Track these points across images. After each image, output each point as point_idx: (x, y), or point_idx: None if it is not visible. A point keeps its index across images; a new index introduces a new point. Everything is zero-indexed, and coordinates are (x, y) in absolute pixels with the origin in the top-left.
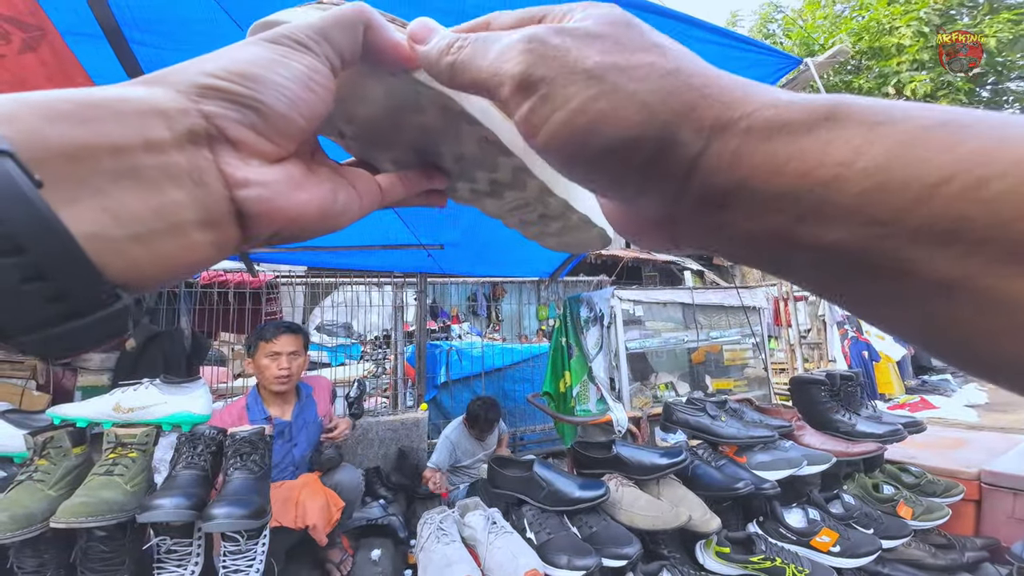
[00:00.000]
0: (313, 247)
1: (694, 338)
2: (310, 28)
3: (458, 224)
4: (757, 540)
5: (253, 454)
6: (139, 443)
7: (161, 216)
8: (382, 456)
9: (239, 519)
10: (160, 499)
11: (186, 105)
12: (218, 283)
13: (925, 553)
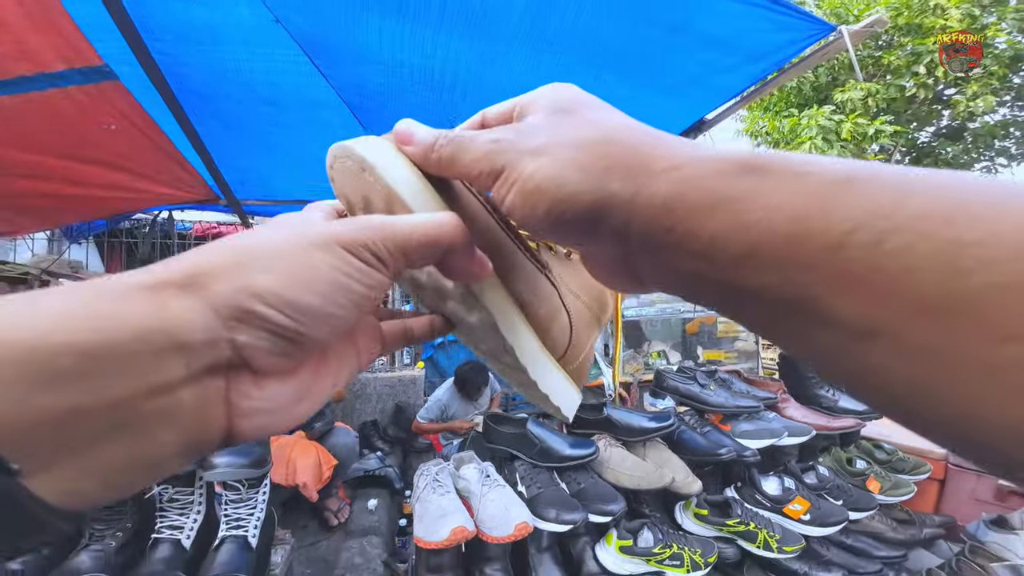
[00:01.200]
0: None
1: (690, 309)
2: (395, 242)
3: None
4: (734, 504)
5: None
6: None
7: (140, 461)
8: (379, 410)
9: (240, 468)
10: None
11: (217, 335)
12: (212, 235)
13: (887, 527)
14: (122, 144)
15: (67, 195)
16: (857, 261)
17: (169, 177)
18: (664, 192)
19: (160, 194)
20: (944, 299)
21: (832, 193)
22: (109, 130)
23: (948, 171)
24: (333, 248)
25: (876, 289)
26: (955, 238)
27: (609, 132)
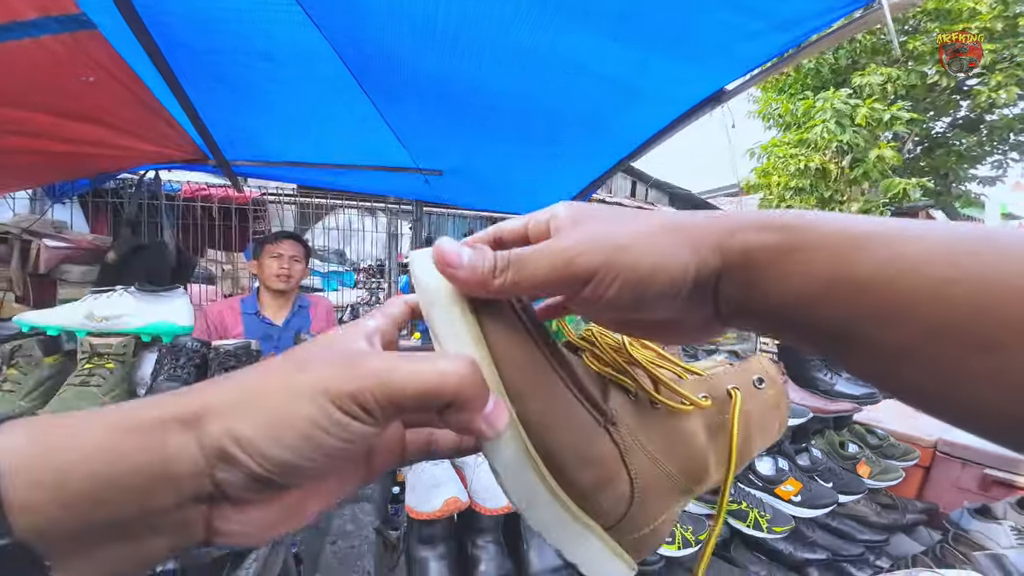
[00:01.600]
0: (303, 163)
1: None
2: (387, 393)
3: (459, 149)
4: None
5: (239, 368)
6: (116, 353)
7: (136, 559)
8: None
9: None
10: None
11: (202, 469)
12: (201, 197)
13: (871, 511)
14: (102, 98)
15: (46, 151)
16: (881, 298)
17: (154, 134)
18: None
19: (145, 152)
20: (941, 323)
21: (854, 247)
22: (87, 83)
23: (931, 224)
24: (318, 400)
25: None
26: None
27: (667, 219)
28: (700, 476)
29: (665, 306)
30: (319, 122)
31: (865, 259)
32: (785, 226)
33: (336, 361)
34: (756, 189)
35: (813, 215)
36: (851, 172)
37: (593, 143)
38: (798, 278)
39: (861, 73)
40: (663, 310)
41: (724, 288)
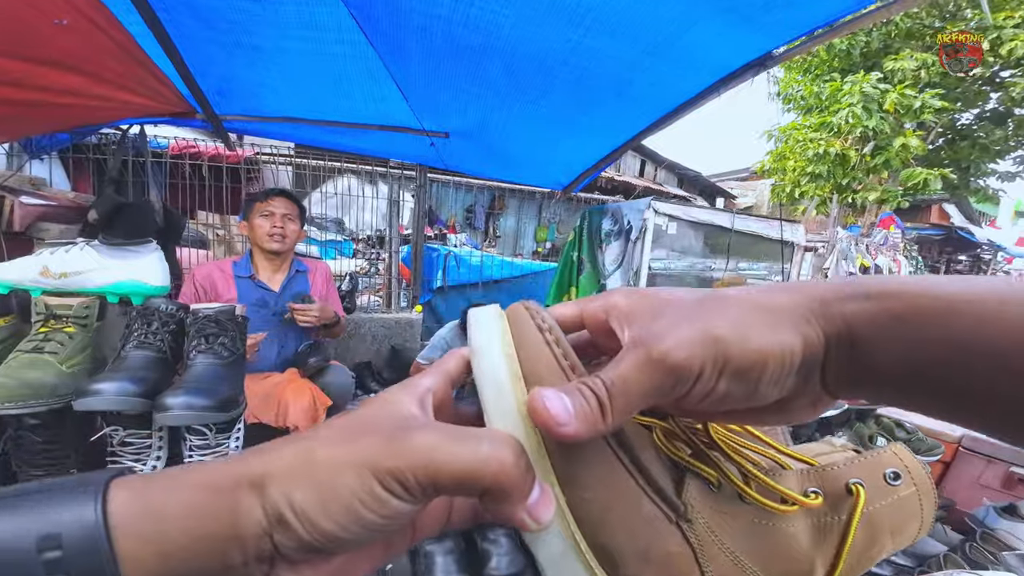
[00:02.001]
0: (299, 119)
1: (722, 267)
2: (427, 473)
3: (468, 112)
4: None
5: (221, 336)
6: (77, 316)
7: None
8: (374, 352)
9: (200, 411)
10: (101, 383)
11: (264, 530)
12: (190, 155)
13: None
14: (78, 43)
15: (16, 101)
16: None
17: (136, 84)
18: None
19: (127, 103)
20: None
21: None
22: (61, 26)
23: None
24: (364, 476)
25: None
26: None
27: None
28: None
29: (772, 392)
30: (317, 74)
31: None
32: (881, 293)
33: (384, 431)
34: (771, 174)
35: (896, 281)
36: (872, 160)
37: (620, 110)
38: (916, 346)
39: (894, 57)
40: (769, 396)
41: (831, 362)
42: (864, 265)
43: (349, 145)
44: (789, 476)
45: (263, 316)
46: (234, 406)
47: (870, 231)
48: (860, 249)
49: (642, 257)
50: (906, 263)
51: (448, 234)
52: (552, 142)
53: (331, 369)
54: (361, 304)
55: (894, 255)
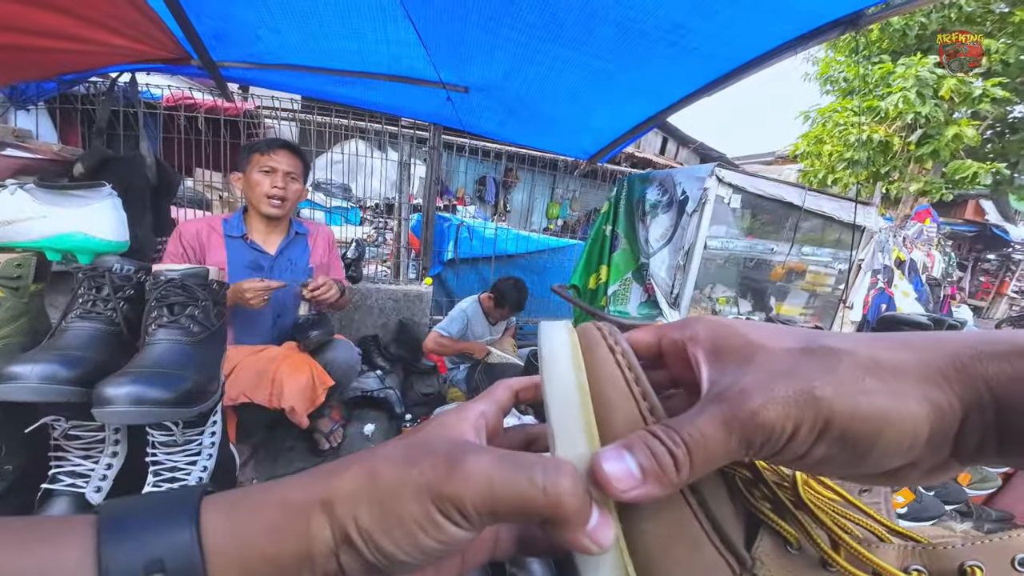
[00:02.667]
0: (304, 67)
1: (785, 251)
2: (485, 502)
3: (493, 59)
4: None
5: (190, 306)
6: (5, 276)
7: None
8: (381, 325)
9: (153, 406)
10: (21, 365)
11: (331, 550)
12: (185, 106)
13: (950, 519)
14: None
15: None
16: None
17: (126, 26)
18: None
19: (116, 47)
20: None
21: None
22: None
23: None
24: (423, 500)
25: None
26: None
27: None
28: None
29: (888, 463)
30: (323, 9)
31: None
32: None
33: (442, 457)
34: (803, 158)
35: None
36: (918, 149)
37: (672, 62)
38: None
39: None
40: (884, 467)
41: (969, 432)
42: (900, 258)
43: (358, 98)
44: (888, 550)
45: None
46: (203, 398)
47: (904, 223)
48: (897, 242)
49: (697, 233)
50: (940, 258)
51: (457, 206)
52: (585, 101)
53: (335, 344)
54: (368, 274)
55: (928, 250)
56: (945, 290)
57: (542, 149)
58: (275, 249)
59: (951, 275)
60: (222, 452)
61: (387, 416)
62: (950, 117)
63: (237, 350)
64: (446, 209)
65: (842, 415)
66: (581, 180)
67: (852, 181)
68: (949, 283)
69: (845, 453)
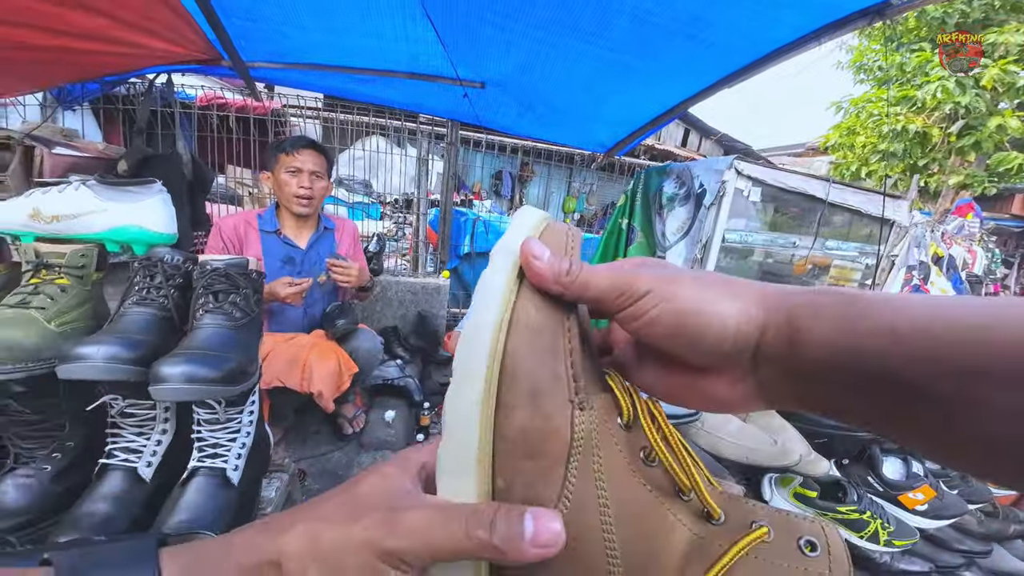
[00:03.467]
0: (327, 66)
1: (808, 244)
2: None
3: (510, 53)
4: (848, 488)
5: (232, 294)
6: (72, 266)
7: None
8: (400, 317)
9: (203, 384)
10: (87, 347)
11: None
12: (217, 106)
13: (973, 518)
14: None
15: (44, 46)
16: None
17: (161, 28)
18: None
19: (153, 49)
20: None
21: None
22: None
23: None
24: (367, 554)
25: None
26: None
27: (721, 276)
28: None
29: (704, 351)
30: (346, 8)
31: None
32: (831, 291)
33: (382, 510)
34: (835, 149)
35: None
36: (958, 140)
37: (689, 55)
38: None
39: (998, 30)
40: (702, 355)
41: (766, 348)
42: (938, 254)
43: (378, 96)
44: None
45: (289, 274)
46: (244, 378)
47: (943, 217)
48: (935, 237)
49: (715, 226)
50: (982, 254)
51: (473, 200)
52: (600, 94)
53: (359, 333)
54: (388, 267)
55: (969, 245)
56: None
57: (558, 143)
58: (305, 243)
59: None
60: (258, 431)
61: (407, 404)
62: (994, 107)
63: (270, 338)
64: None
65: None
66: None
67: (887, 173)
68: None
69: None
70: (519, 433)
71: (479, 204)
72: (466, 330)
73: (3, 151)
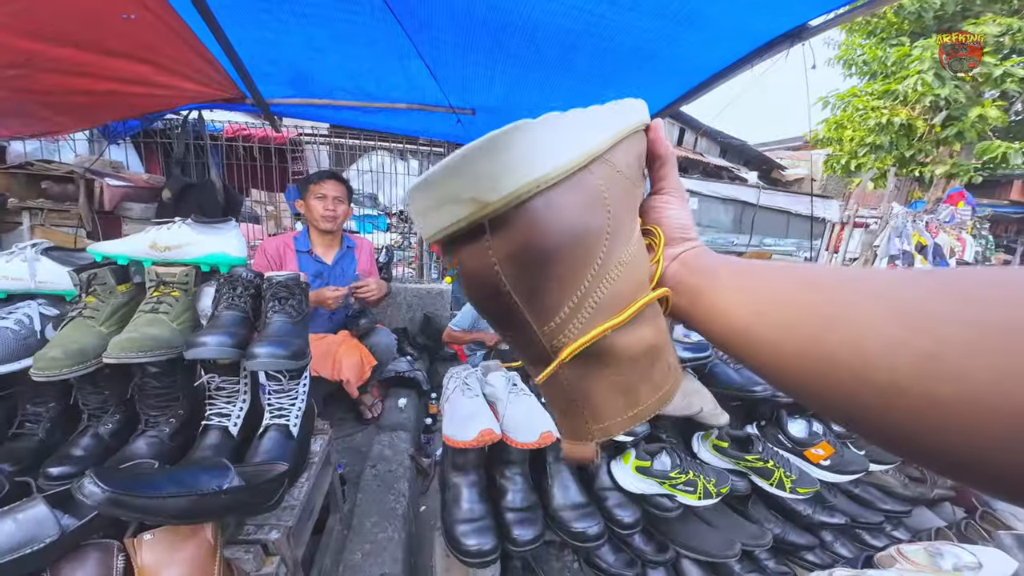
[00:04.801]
0: (335, 102)
1: (744, 242)
2: None
3: (494, 86)
4: (756, 441)
5: (290, 299)
6: (180, 282)
7: None
8: (408, 319)
9: (281, 358)
10: (205, 336)
11: None
12: (242, 137)
13: (898, 482)
14: (143, 35)
15: (96, 91)
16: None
17: (192, 71)
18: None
19: (186, 91)
20: None
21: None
22: (129, 20)
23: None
24: None
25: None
26: None
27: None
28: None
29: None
30: (353, 58)
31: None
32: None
33: None
34: (825, 144)
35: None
36: (942, 131)
37: (644, 82)
38: None
39: (975, 21)
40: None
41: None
42: (921, 243)
43: (382, 124)
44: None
45: (318, 286)
46: (304, 356)
47: (935, 207)
48: (918, 226)
49: None
50: (972, 242)
51: None
52: None
53: (377, 331)
54: (396, 275)
55: (959, 233)
56: None
57: None
58: (331, 260)
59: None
60: (308, 402)
61: (416, 393)
62: (976, 98)
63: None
64: None
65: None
66: None
67: (877, 166)
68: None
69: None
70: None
71: None
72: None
73: (66, 183)
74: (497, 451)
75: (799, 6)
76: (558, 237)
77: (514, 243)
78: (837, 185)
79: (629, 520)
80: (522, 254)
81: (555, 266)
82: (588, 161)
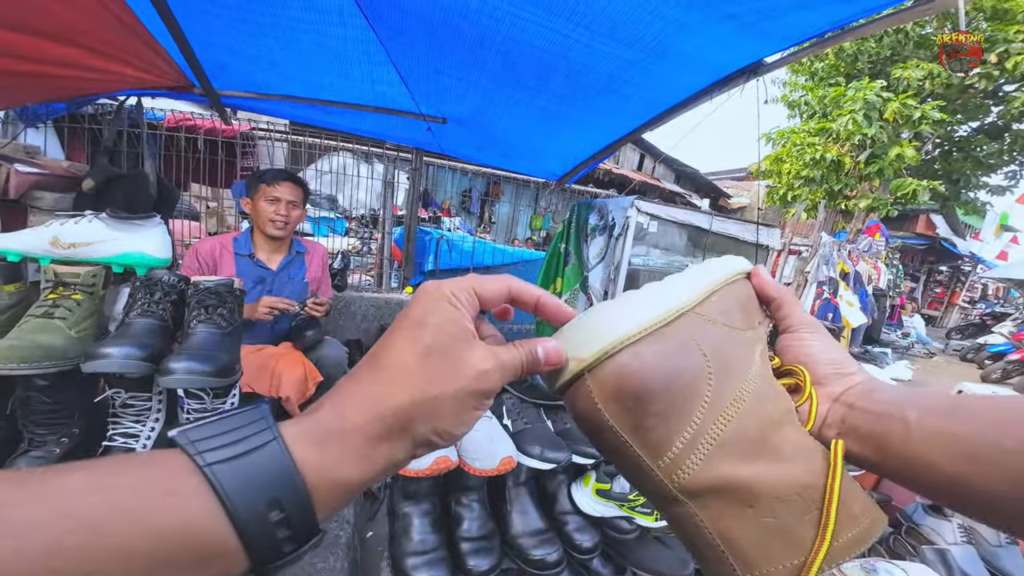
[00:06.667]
0: (296, 98)
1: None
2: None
3: (467, 98)
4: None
5: (220, 307)
6: (84, 284)
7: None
8: (363, 330)
9: (201, 375)
10: (108, 347)
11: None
12: (186, 127)
13: None
14: (77, 16)
15: (17, 71)
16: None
17: (134, 58)
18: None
19: (125, 76)
20: None
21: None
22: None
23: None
24: (472, 400)
25: None
26: None
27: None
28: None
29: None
30: (317, 54)
31: None
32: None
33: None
34: (766, 176)
35: None
36: (865, 168)
37: (614, 106)
38: None
39: (903, 66)
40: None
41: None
42: (844, 270)
43: (346, 125)
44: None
45: (260, 293)
46: (231, 373)
47: (856, 237)
48: (842, 255)
49: (623, 253)
50: (886, 270)
51: (442, 217)
52: (548, 133)
53: (326, 343)
54: (352, 283)
55: (875, 262)
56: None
57: (516, 172)
58: (277, 266)
59: (899, 286)
60: None
61: None
62: (895, 138)
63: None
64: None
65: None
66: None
67: (810, 198)
68: (897, 293)
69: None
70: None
71: (448, 220)
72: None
73: None
74: (454, 477)
75: (757, 43)
76: (648, 376)
77: (608, 385)
78: (776, 215)
79: (588, 545)
80: (618, 393)
81: (652, 403)
82: (673, 317)
